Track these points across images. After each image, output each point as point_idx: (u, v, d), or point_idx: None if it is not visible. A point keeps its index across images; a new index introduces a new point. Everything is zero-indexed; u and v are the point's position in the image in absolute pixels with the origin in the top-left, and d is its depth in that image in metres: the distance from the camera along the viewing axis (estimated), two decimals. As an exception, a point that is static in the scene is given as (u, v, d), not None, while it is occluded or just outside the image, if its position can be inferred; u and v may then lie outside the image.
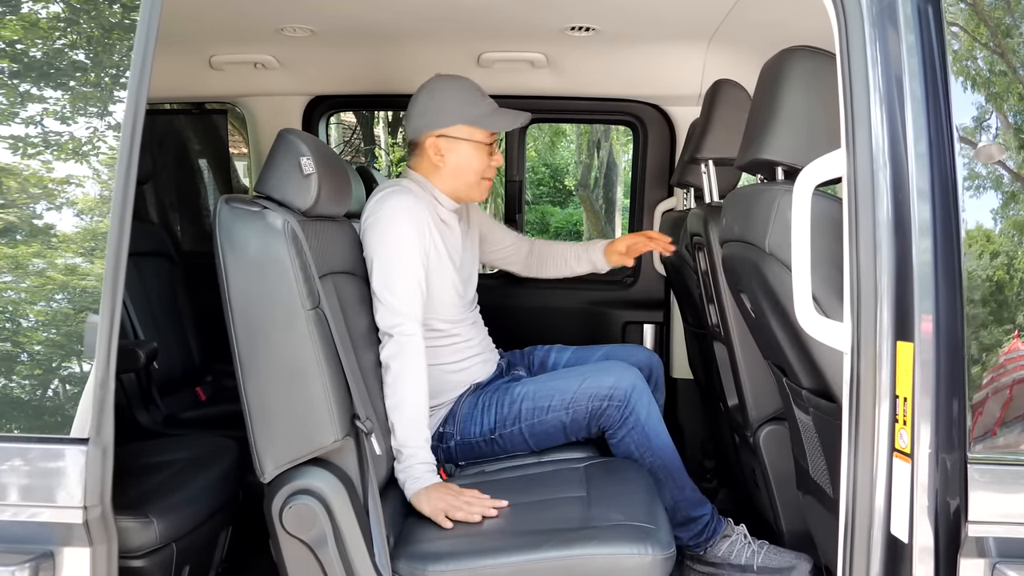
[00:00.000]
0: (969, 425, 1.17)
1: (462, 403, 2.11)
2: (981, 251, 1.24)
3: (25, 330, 1.24)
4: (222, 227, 1.54)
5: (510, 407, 2.05)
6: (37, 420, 1.18)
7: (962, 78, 1.27)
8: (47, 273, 1.25)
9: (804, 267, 1.37)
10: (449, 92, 2.09)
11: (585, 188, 11.99)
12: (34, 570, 1.12)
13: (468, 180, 2.11)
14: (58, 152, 1.29)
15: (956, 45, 1.25)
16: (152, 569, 1.64)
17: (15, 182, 1.27)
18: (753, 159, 1.64)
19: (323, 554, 1.53)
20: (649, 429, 2.03)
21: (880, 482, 1.26)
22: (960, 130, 1.26)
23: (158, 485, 1.81)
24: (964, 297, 1.19)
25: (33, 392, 1.21)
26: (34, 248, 1.26)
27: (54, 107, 1.30)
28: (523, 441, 2.07)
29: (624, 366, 2.09)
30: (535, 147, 13.07)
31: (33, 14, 1.33)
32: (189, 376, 2.83)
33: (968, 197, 1.24)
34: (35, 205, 1.28)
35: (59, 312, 1.24)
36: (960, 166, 1.22)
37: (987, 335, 1.23)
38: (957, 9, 1.26)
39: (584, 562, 1.54)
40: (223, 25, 2.56)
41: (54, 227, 1.27)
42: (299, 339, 1.52)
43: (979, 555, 1.19)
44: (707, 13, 2.41)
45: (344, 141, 8.24)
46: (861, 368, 1.27)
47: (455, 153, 2.09)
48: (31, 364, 1.22)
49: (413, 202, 1.98)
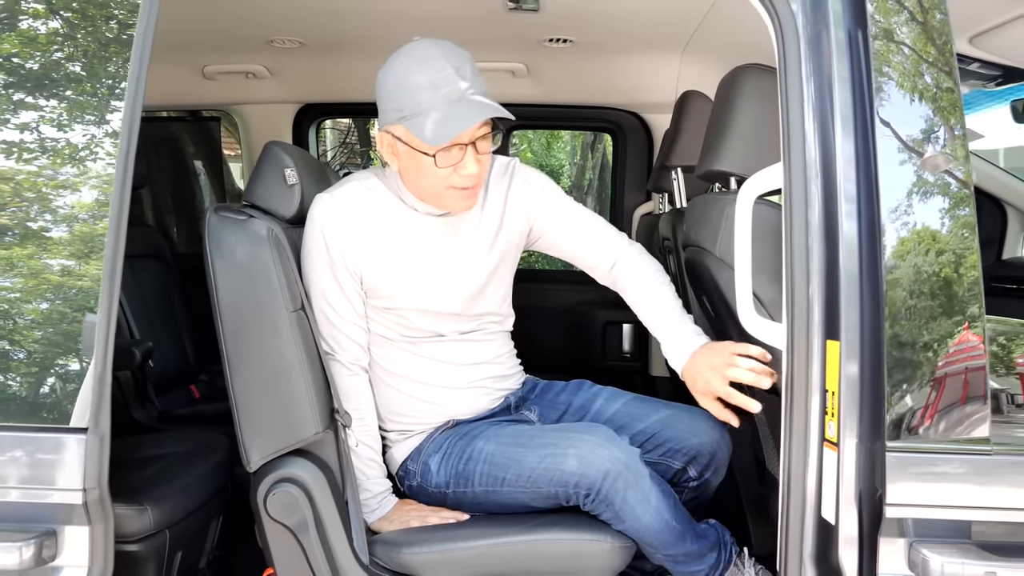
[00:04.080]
0: (887, 416, 1.28)
1: (432, 439, 1.81)
2: (928, 249, 1.34)
3: (21, 328, 1.33)
4: (211, 234, 1.65)
5: (464, 465, 1.74)
6: (40, 413, 1.29)
7: (907, 92, 1.38)
8: (43, 274, 1.34)
9: (745, 271, 1.49)
10: (401, 72, 1.61)
11: (579, 190, 12.10)
12: (39, 545, 1.23)
13: (429, 190, 1.69)
14: (54, 158, 1.36)
15: (885, 67, 1.36)
16: (146, 553, 1.75)
17: (8, 187, 1.35)
18: (708, 170, 1.76)
19: (304, 538, 1.64)
20: (627, 518, 1.64)
21: (812, 470, 1.37)
22: (910, 141, 1.37)
23: (152, 476, 1.92)
24: (886, 299, 1.30)
25: (36, 387, 1.32)
26: (29, 250, 1.34)
27: (50, 115, 1.37)
28: (478, 506, 1.75)
29: (602, 441, 1.65)
30: (531, 148, 13.18)
31: (32, 29, 1.40)
32: (184, 374, 2.94)
33: (917, 201, 1.34)
34: (32, 209, 1.35)
35: (55, 311, 1.33)
36: (883, 176, 1.32)
37: (937, 326, 1.32)
38: (883, 39, 1.37)
39: (547, 547, 1.65)
40: (215, 37, 2.66)
41: (50, 230, 1.35)
42: (282, 339, 1.62)
43: (899, 535, 1.30)
44: (678, 27, 2.52)
45: (340, 142, 8.31)
46: (795, 364, 1.38)
47: (403, 157, 1.68)
48: (29, 362, 1.33)
49: (332, 201, 1.71)
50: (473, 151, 1.65)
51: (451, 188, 1.67)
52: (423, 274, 1.76)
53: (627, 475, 1.62)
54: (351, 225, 1.71)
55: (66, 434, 1.27)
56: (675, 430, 1.82)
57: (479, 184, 1.72)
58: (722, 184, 1.83)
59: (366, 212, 1.73)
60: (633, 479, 1.63)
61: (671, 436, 1.82)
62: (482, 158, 1.68)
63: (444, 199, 1.70)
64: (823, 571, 1.37)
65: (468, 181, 1.67)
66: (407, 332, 1.80)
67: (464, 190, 1.68)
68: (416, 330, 1.79)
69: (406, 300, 1.76)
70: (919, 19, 1.37)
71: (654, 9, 2.37)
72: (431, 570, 1.66)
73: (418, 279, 1.75)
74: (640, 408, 1.88)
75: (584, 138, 11.65)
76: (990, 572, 1.23)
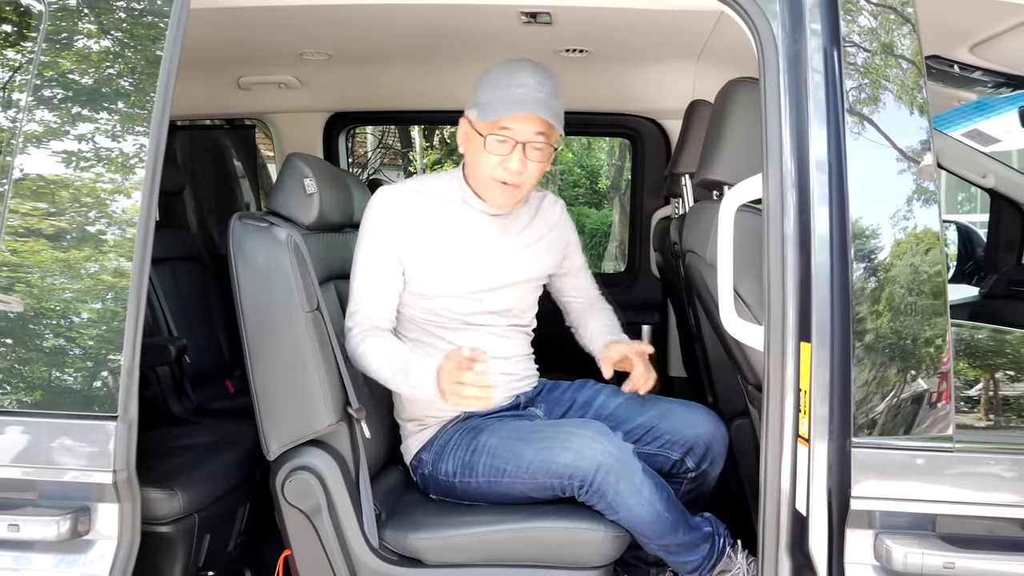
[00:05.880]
0: (855, 414, 1.36)
1: (444, 430, 1.94)
2: (896, 255, 1.41)
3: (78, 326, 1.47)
4: (235, 240, 1.78)
5: (470, 456, 1.85)
6: (77, 400, 1.44)
7: (879, 106, 1.45)
8: (99, 275, 1.45)
9: (728, 276, 1.57)
10: (494, 71, 1.86)
11: (617, 191, 12.14)
12: (75, 520, 1.38)
13: (479, 174, 1.86)
14: (108, 166, 1.48)
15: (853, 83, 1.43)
16: (176, 535, 1.89)
17: (68, 192, 1.48)
18: (703, 178, 1.84)
19: (318, 522, 1.77)
20: (620, 508, 1.74)
21: (787, 465, 1.45)
22: (908, 151, 1.44)
23: (183, 464, 2.06)
24: (854, 304, 1.37)
25: (89, 379, 1.45)
26: (86, 252, 1.46)
27: (104, 127, 1.49)
28: (482, 495, 1.86)
29: (595, 436, 1.76)
30: (571, 150, 13.26)
31: (86, 48, 1.53)
32: (219, 370, 3.10)
33: (887, 210, 1.41)
34: (90, 213, 1.47)
35: (108, 311, 1.44)
36: (853, 186, 1.40)
37: (904, 330, 1.38)
38: (856, 55, 1.44)
39: (543, 534, 1.76)
40: (249, 51, 2.81)
41: (105, 233, 1.47)
42: (298, 337, 1.75)
43: (867, 527, 1.37)
44: (689, 36, 2.59)
45: (378, 143, 8.46)
46: (771, 365, 1.46)
47: (469, 141, 1.88)
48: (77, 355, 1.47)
49: (391, 194, 1.89)
50: (522, 152, 1.82)
51: (495, 180, 1.85)
52: (463, 258, 1.91)
53: (619, 468, 1.72)
54: (401, 217, 1.86)
55: (100, 421, 1.41)
56: (672, 423, 1.94)
57: (522, 187, 1.88)
58: (718, 192, 1.91)
59: (418, 204, 1.89)
60: (625, 472, 1.73)
61: (669, 428, 1.94)
62: (530, 163, 1.85)
63: (489, 189, 1.87)
64: (797, 560, 1.44)
65: (512, 177, 1.83)
66: (434, 317, 1.93)
67: (506, 185, 1.85)
68: (442, 315, 1.92)
69: (443, 285, 1.90)
70: (891, 35, 1.44)
71: (664, 20, 2.44)
72: (435, 553, 1.78)
73: (458, 263, 1.90)
74: (639, 403, 1.99)
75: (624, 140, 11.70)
76: (949, 563, 1.29)
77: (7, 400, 1.44)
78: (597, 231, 12.78)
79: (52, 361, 1.45)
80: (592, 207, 13.68)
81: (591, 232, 12.74)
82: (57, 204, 1.48)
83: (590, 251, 12.34)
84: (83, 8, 1.53)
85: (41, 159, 1.48)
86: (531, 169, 1.85)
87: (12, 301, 1.44)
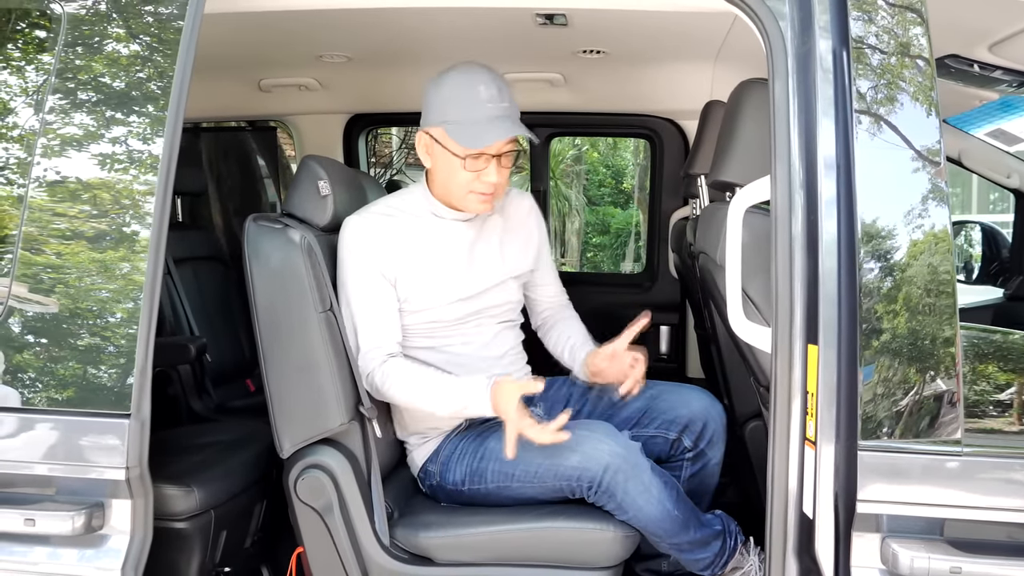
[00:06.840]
0: (862, 417, 1.35)
1: (449, 440, 1.95)
2: (904, 257, 1.40)
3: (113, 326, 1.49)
4: (250, 242, 1.82)
5: (478, 463, 1.87)
6: (91, 399, 1.47)
7: (888, 106, 1.44)
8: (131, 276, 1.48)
9: (735, 278, 1.57)
10: (449, 84, 1.85)
11: (643, 190, 12.10)
12: (89, 515, 1.42)
13: (455, 190, 1.89)
14: (140, 168, 1.52)
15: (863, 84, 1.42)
16: (193, 531, 1.92)
17: (108, 194, 1.52)
18: (715, 179, 1.84)
19: (330, 520, 1.79)
20: (629, 508, 1.76)
21: (794, 467, 1.44)
22: (919, 152, 1.43)
23: (200, 461, 2.09)
24: (862, 306, 1.36)
25: (91, 376, 1.50)
26: (121, 252, 1.50)
27: (136, 130, 1.53)
28: (492, 501, 1.87)
29: (602, 437, 1.78)
30: (597, 149, 13.24)
31: (115, 52, 1.57)
32: (239, 368, 3.14)
33: (896, 212, 1.41)
34: (127, 214, 1.51)
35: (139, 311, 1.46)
36: (861, 188, 1.39)
37: (912, 332, 1.37)
38: (865, 56, 1.43)
39: (553, 534, 1.77)
40: (270, 53, 2.85)
41: (138, 233, 1.50)
42: (312, 337, 1.78)
43: (874, 530, 1.36)
44: (706, 37, 2.58)
45: (400, 143, 8.50)
46: (779, 367, 1.46)
47: (437, 157, 1.89)
48: (92, 355, 1.50)
49: (361, 222, 1.89)
50: (497, 163, 1.87)
51: (472, 192, 1.89)
52: (448, 269, 1.93)
53: (627, 468, 1.74)
54: (379, 241, 1.88)
55: (114, 419, 1.44)
56: (666, 403, 1.99)
57: (498, 192, 1.93)
58: (730, 193, 1.90)
59: (392, 226, 1.91)
60: (633, 471, 1.74)
61: (663, 408, 1.99)
62: (503, 171, 1.90)
63: (466, 200, 1.91)
64: (804, 563, 1.44)
65: (489, 188, 1.89)
66: (426, 326, 1.93)
67: (483, 195, 1.90)
68: (433, 323, 1.93)
69: (433, 298, 1.91)
70: (902, 35, 1.43)
71: (679, 21, 2.44)
72: (445, 552, 1.80)
73: (444, 275, 1.92)
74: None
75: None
76: (956, 567, 1.28)
77: (23, 398, 1.47)
78: (623, 231, 12.76)
79: (67, 361, 1.48)
80: (617, 207, 13.66)
81: (616, 232, 12.73)
82: (75, 205, 1.51)
83: (613, 251, 12.32)
84: (111, 12, 1.56)
85: (58, 162, 1.53)
86: (505, 174, 1.91)
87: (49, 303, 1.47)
